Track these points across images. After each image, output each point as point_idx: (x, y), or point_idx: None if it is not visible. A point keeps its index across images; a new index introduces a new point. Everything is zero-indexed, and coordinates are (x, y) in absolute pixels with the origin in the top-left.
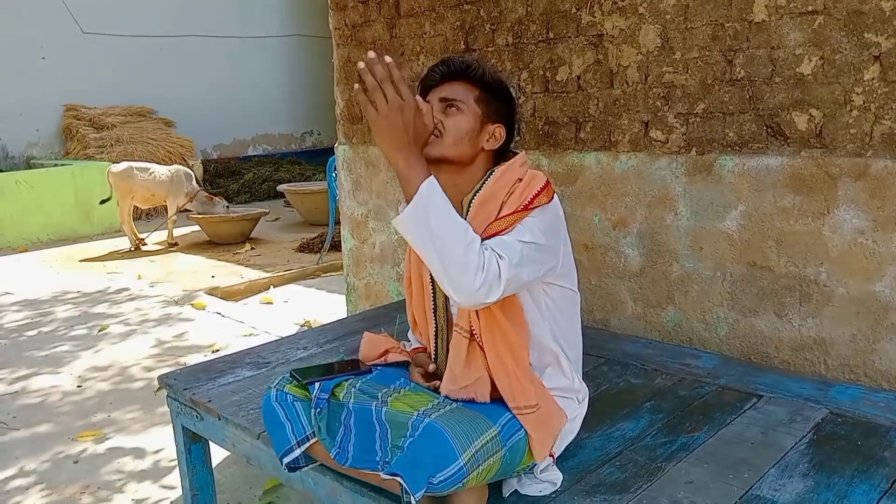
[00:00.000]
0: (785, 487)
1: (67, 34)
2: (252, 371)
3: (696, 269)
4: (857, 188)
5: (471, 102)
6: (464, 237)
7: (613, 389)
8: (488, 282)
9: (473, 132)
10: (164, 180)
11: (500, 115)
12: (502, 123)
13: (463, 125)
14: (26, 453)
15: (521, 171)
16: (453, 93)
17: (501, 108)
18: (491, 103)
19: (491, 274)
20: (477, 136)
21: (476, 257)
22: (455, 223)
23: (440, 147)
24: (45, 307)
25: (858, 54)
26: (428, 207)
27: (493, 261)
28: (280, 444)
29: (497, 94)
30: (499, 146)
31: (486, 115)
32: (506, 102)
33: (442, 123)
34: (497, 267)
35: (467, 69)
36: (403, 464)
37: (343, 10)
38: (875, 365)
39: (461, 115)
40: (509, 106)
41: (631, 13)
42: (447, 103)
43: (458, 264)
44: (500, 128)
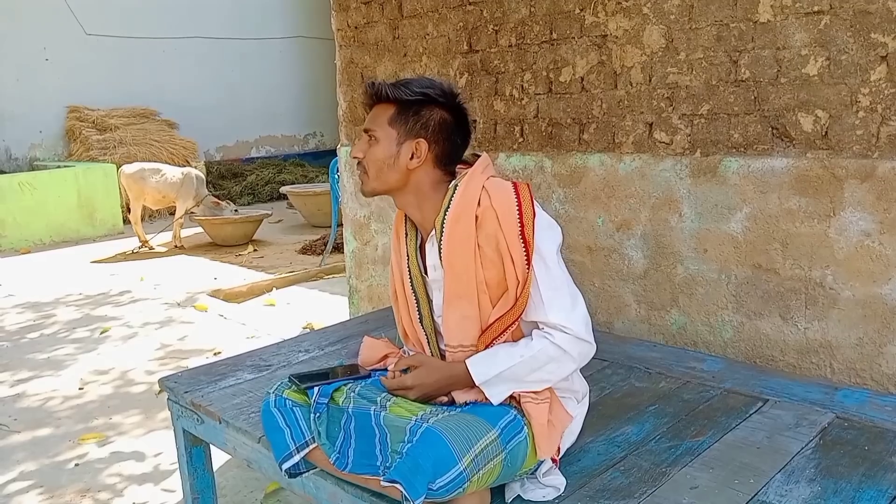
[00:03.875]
0: (791, 493)
1: (71, 36)
2: (253, 374)
3: (700, 271)
4: (863, 190)
5: (385, 127)
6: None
7: (617, 393)
8: (580, 351)
9: (390, 158)
10: (174, 182)
11: (421, 128)
12: (424, 136)
13: (378, 155)
14: (27, 456)
15: (483, 177)
16: (371, 122)
17: (423, 120)
18: (407, 119)
19: (575, 347)
20: (396, 161)
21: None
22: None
23: (368, 184)
24: (47, 309)
25: (865, 55)
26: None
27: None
28: (279, 450)
29: (415, 106)
30: (433, 159)
31: (402, 134)
32: (430, 112)
33: (366, 158)
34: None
35: (377, 90)
36: (402, 470)
37: (346, 12)
38: (882, 369)
39: (377, 144)
40: (439, 114)
41: (635, 13)
42: (367, 134)
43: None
44: (421, 143)
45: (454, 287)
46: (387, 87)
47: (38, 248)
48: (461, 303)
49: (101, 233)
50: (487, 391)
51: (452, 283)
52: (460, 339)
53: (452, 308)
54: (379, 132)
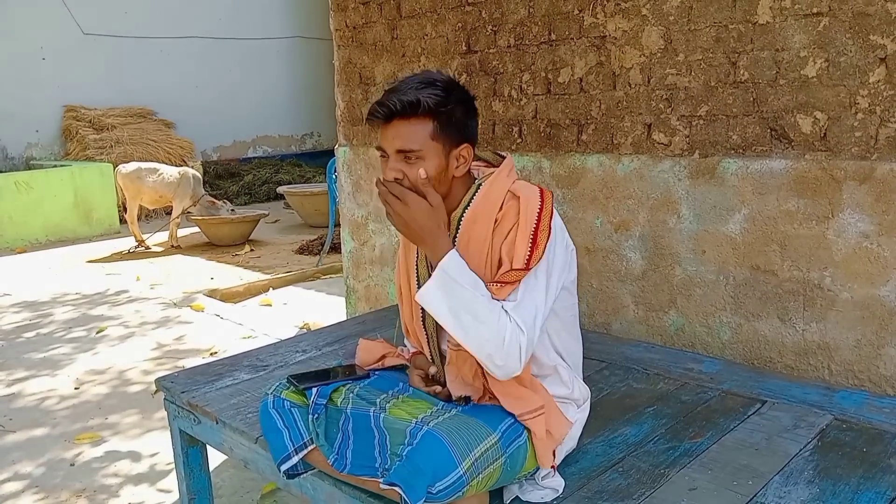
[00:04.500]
0: (790, 495)
1: (68, 35)
2: (250, 374)
3: (698, 272)
4: (862, 192)
5: (428, 143)
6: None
7: (615, 394)
8: (511, 363)
9: (441, 173)
10: (171, 182)
11: (461, 132)
12: (466, 139)
13: (430, 173)
14: (22, 456)
15: (508, 181)
16: (406, 140)
17: (459, 123)
18: (448, 127)
19: (512, 355)
20: (446, 173)
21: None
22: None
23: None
24: (44, 309)
25: (864, 56)
26: (447, 279)
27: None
28: (278, 451)
29: (451, 112)
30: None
31: (447, 145)
32: (459, 111)
33: (406, 177)
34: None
35: (416, 103)
36: (402, 473)
37: (344, 12)
38: (880, 370)
39: (423, 162)
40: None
41: (634, 15)
42: (404, 155)
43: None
44: (465, 147)
45: None
46: (425, 98)
47: (34, 247)
48: None
49: (97, 232)
50: (431, 283)
51: None
52: None
53: None
54: (423, 150)
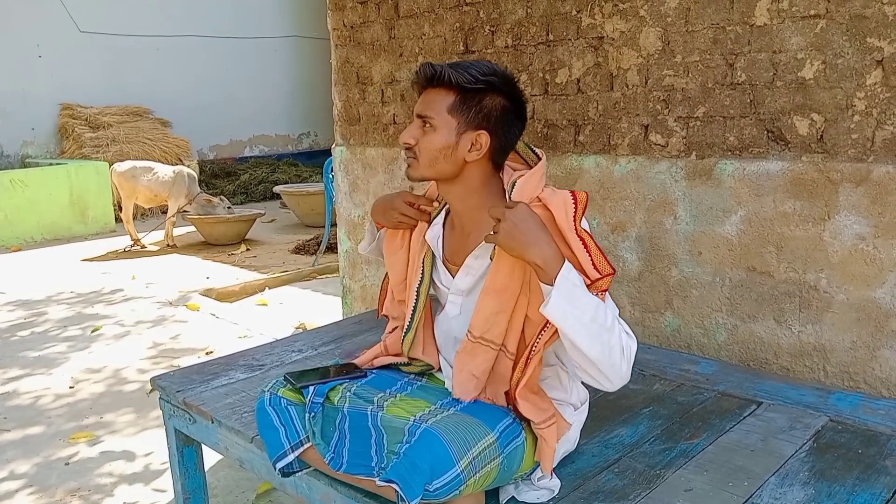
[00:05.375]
0: (785, 496)
1: (64, 33)
2: (246, 373)
3: (695, 273)
4: (858, 194)
5: (444, 115)
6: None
7: (611, 395)
8: (628, 369)
9: (448, 149)
10: (166, 181)
11: (483, 119)
12: (486, 128)
13: (435, 143)
14: (17, 455)
15: (538, 187)
16: (427, 107)
17: (485, 111)
18: (469, 109)
19: (630, 361)
20: (454, 152)
21: (625, 337)
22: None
23: (417, 170)
24: (39, 307)
25: (861, 59)
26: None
27: (629, 343)
28: (273, 449)
29: (478, 95)
30: (490, 152)
31: (462, 124)
32: (493, 101)
33: (418, 144)
34: (632, 349)
35: (438, 73)
36: (399, 470)
37: (342, 11)
38: (875, 372)
39: (433, 132)
40: (501, 104)
41: (632, 16)
42: (422, 120)
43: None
44: (483, 135)
45: (499, 280)
46: (449, 71)
47: (29, 245)
48: (501, 297)
49: (93, 231)
50: (556, 290)
51: (498, 276)
52: (484, 331)
53: (490, 299)
54: (437, 119)
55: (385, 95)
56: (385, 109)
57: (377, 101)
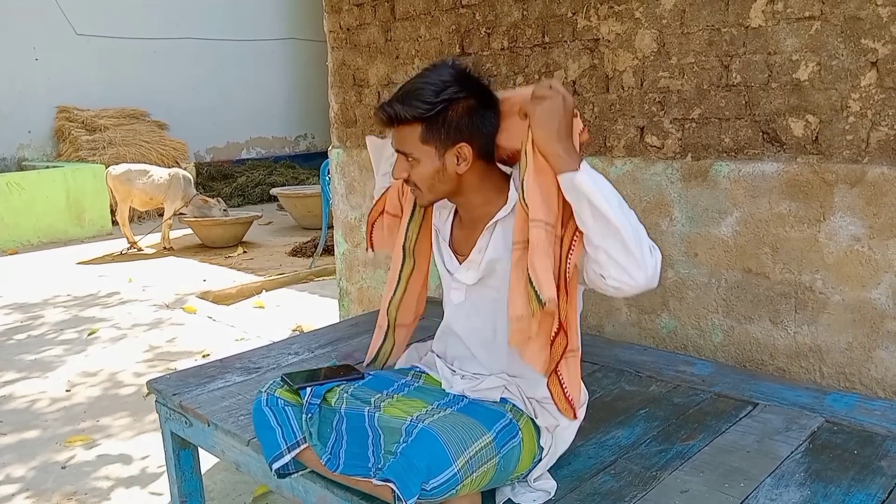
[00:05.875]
0: (781, 497)
1: (61, 35)
2: (242, 376)
3: (690, 275)
4: (853, 195)
5: (419, 146)
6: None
7: (608, 396)
8: (651, 265)
9: (438, 173)
10: (161, 184)
11: (455, 132)
12: (464, 139)
13: (425, 173)
14: (13, 459)
15: None
16: (402, 144)
17: (454, 124)
18: (439, 132)
19: (657, 259)
20: (444, 172)
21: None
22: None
23: (424, 198)
24: (35, 310)
25: (855, 60)
26: (598, 179)
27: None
28: (270, 450)
29: (440, 115)
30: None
31: (440, 147)
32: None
33: (411, 177)
34: (656, 249)
35: (392, 114)
36: (396, 469)
37: (338, 13)
38: (871, 373)
39: (419, 164)
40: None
41: (627, 18)
42: (404, 156)
43: (642, 236)
44: (463, 147)
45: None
46: (401, 109)
47: (25, 248)
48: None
49: (89, 234)
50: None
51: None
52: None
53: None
54: (416, 152)
55: (381, 98)
56: None
57: (374, 104)
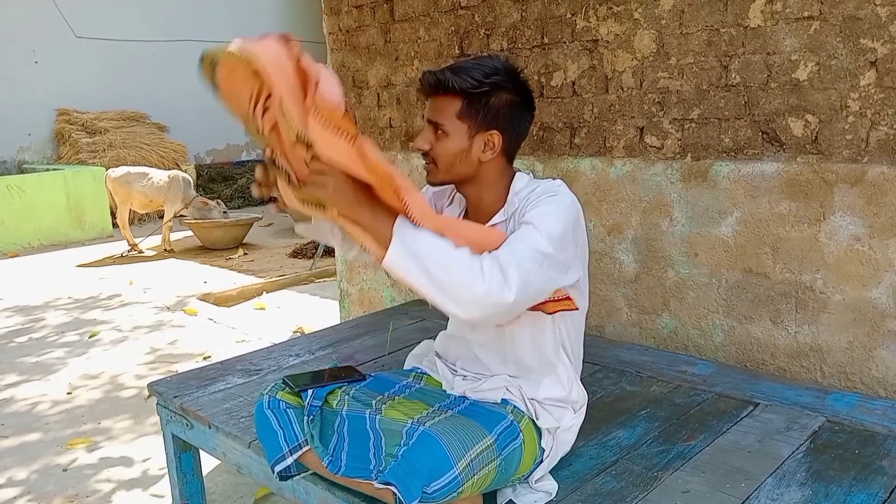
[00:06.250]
0: (783, 497)
1: (60, 38)
2: (243, 378)
3: (691, 275)
4: (853, 194)
5: (453, 121)
6: (454, 252)
7: (608, 397)
8: (493, 290)
9: (463, 152)
10: (161, 186)
11: (493, 118)
12: (497, 127)
13: (450, 149)
14: (14, 462)
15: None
16: (436, 113)
17: (493, 110)
18: (478, 112)
19: (495, 274)
20: (468, 154)
21: (471, 263)
22: (439, 243)
23: (437, 175)
24: (36, 313)
25: (854, 60)
26: (407, 238)
27: (494, 262)
28: (272, 452)
29: (484, 96)
30: (504, 148)
31: (473, 127)
32: (500, 99)
33: (433, 150)
34: (500, 273)
35: (441, 81)
36: (397, 472)
37: (337, 15)
38: (872, 372)
39: (446, 138)
40: (508, 100)
41: (626, 18)
42: (433, 126)
43: (457, 280)
44: (495, 135)
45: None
46: (452, 77)
47: (26, 251)
48: None
49: (90, 236)
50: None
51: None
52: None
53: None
54: (448, 126)
55: (381, 99)
56: (381, 113)
57: (373, 105)
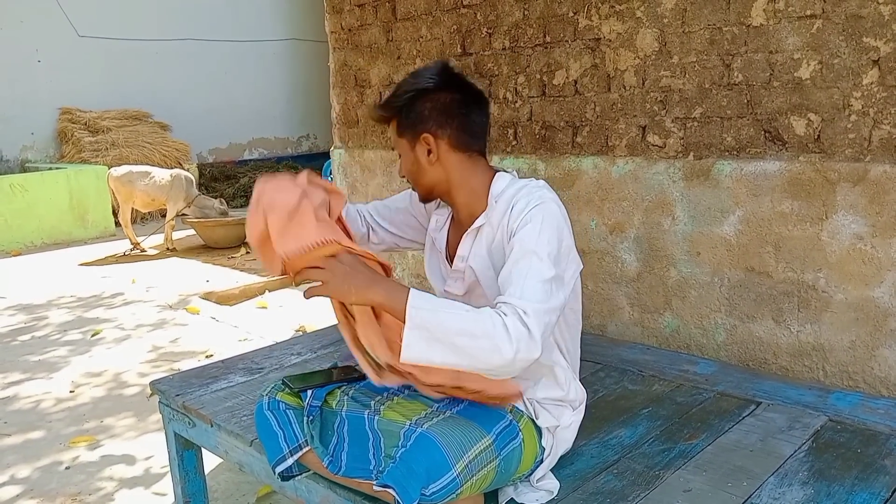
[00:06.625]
0: (784, 496)
1: (63, 37)
2: (245, 377)
3: (693, 274)
4: (855, 193)
5: (398, 141)
6: (473, 320)
7: (611, 396)
8: (521, 348)
9: (415, 165)
10: (164, 185)
11: (420, 122)
12: (426, 129)
13: (407, 167)
14: (18, 460)
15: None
16: (392, 141)
17: (416, 115)
18: (407, 124)
19: (521, 339)
20: (419, 165)
21: (494, 325)
22: (457, 313)
23: (418, 194)
24: (39, 311)
25: (857, 59)
26: (424, 315)
27: (514, 316)
28: (273, 453)
29: (408, 107)
30: (449, 145)
31: (411, 139)
32: (424, 103)
33: (403, 174)
34: (524, 326)
35: (375, 115)
36: (395, 475)
37: (339, 14)
38: (874, 371)
39: (402, 159)
40: (435, 99)
41: (628, 17)
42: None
43: (483, 349)
44: (427, 137)
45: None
46: (382, 106)
47: (29, 250)
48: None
49: (92, 235)
50: (407, 329)
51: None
52: None
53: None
54: (398, 147)
55: (383, 98)
56: None
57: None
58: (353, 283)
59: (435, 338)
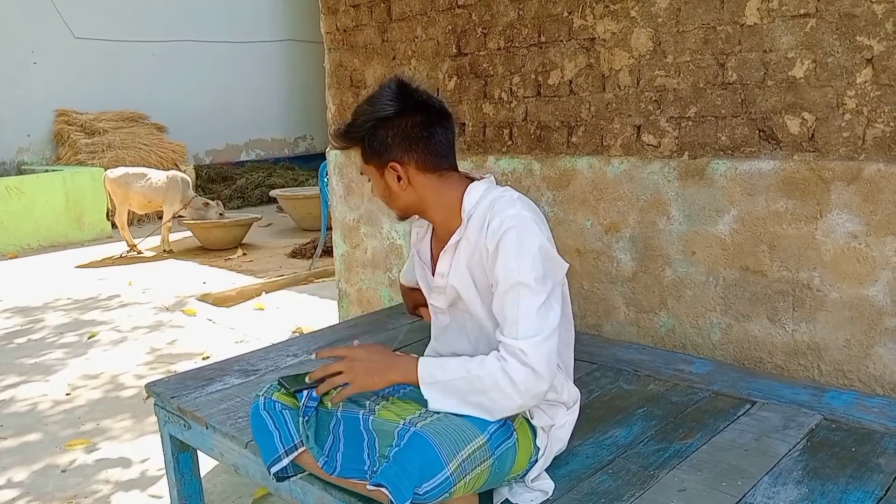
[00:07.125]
0: (779, 495)
1: (59, 39)
2: (241, 379)
3: (688, 273)
4: (850, 192)
5: (366, 167)
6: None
7: (606, 396)
8: (530, 387)
9: (386, 190)
10: (160, 186)
11: (385, 151)
12: (392, 158)
13: (379, 192)
14: (14, 463)
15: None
16: (359, 164)
17: (380, 143)
18: (373, 152)
19: (527, 380)
20: (391, 191)
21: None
22: (464, 375)
23: (395, 214)
24: (36, 314)
25: (851, 57)
26: (437, 387)
27: (515, 361)
28: (268, 453)
29: (370, 137)
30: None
31: (378, 166)
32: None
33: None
34: (524, 366)
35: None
36: (388, 474)
37: (335, 15)
38: (869, 370)
39: (371, 183)
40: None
41: (623, 17)
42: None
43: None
44: (394, 165)
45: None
46: (343, 134)
47: (25, 252)
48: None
49: (89, 237)
50: (427, 394)
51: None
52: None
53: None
54: (367, 173)
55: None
56: None
57: None
58: (374, 375)
59: (451, 396)
